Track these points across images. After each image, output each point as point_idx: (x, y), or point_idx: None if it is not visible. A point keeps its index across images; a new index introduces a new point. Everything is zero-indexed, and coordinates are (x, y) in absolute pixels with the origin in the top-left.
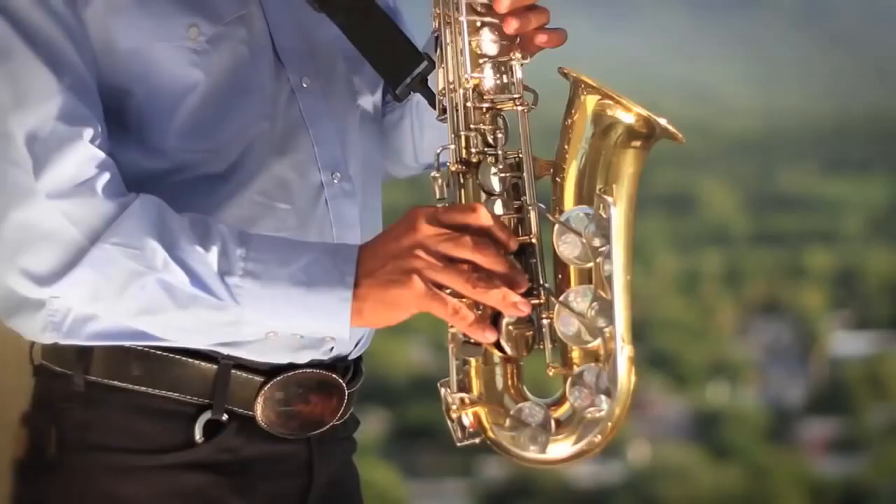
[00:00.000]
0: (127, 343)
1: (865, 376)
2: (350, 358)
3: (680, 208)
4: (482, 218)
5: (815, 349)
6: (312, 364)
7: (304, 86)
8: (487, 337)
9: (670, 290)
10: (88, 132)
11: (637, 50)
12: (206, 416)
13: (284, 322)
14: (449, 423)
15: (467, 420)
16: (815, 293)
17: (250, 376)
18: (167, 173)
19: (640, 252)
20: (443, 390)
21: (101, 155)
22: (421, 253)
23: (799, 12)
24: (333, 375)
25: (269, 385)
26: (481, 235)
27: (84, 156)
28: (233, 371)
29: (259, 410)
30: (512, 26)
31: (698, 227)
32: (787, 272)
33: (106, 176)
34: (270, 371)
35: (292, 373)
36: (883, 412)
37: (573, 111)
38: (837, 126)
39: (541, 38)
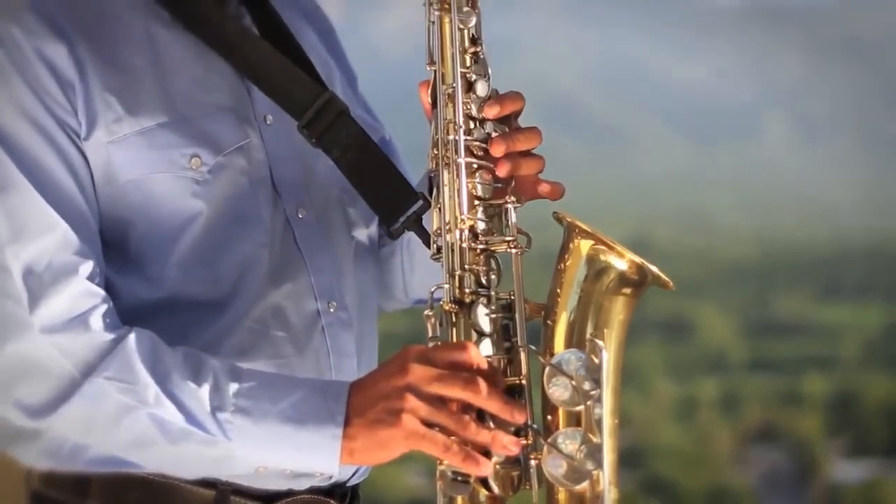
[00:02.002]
0: (125, 470)
1: (865, 503)
2: (349, 484)
3: (676, 335)
4: (472, 356)
5: (813, 476)
6: (311, 490)
7: (300, 216)
8: (483, 469)
9: (667, 417)
10: (85, 267)
11: (633, 177)
12: None
13: (274, 458)
14: None
15: None
16: (813, 419)
17: (248, 502)
18: (166, 302)
19: (637, 379)
20: None
21: (96, 290)
22: (411, 394)
23: (793, 140)
24: (332, 501)
25: None
26: (472, 373)
27: (79, 290)
28: (231, 497)
29: None
30: (504, 170)
31: (695, 354)
32: (785, 398)
33: (100, 310)
34: (269, 497)
35: (290, 499)
36: None
37: (566, 256)
38: (833, 252)
39: (544, 189)
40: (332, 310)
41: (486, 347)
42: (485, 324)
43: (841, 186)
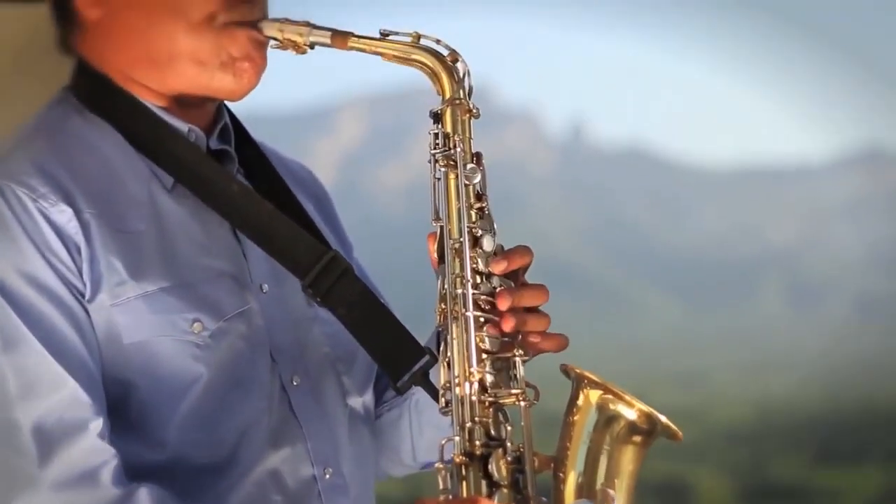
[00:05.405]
0: None
1: None
2: None
3: (673, 498)
4: None
5: None
6: None
7: (294, 384)
8: None
9: None
10: (94, 424)
11: (629, 338)
12: None
13: None
14: None
15: None
16: None
17: None
18: (166, 464)
19: None
20: None
21: (106, 446)
22: None
23: (788, 302)
24: None
25: None
26: None
27: (89, 447)
28: None
29: None
30: (509, 325)
31: None
32: None
33: (110, 466)
34: None
35: None
36: None
37: (574, 409)
38: (830, 416)
39: (539, 342)
40: (328, 476)
41: (497, 501)
42: (496, 477)
43: (836, 349)
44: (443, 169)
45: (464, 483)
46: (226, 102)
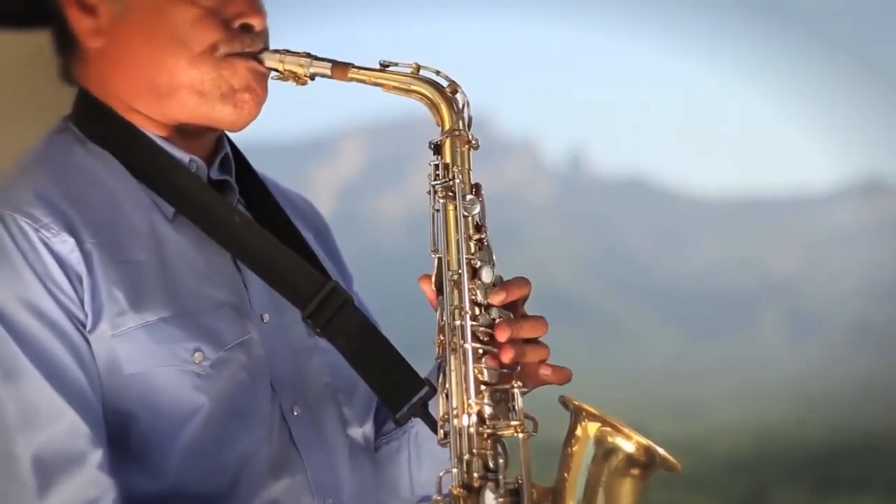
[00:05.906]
0: None
1: None
2: None
3: None
4: None
5: None
6: None
7: (295, 414)
8: None
9: None
10: (94, 455)
11: (630, 368)
12: None
13: None
14: None
15: None
16: None
17: None
18: (166, 494)
19: None
20: None
21: (105, 477)
22: None
23: (788, 332)
24: None
25: None
26: None
27: (88, 478)
28: None
29: None
30: (508, 356)
31: None
32: None
33: (109, 498)
34: None
35: None
36: None
37: (573, 441)
38: (830, 446)
39: (545, 372)
40: None
41: None
42: None
43: (836, 379)
44: (441, 200)
45: None
46: (226, 132)
